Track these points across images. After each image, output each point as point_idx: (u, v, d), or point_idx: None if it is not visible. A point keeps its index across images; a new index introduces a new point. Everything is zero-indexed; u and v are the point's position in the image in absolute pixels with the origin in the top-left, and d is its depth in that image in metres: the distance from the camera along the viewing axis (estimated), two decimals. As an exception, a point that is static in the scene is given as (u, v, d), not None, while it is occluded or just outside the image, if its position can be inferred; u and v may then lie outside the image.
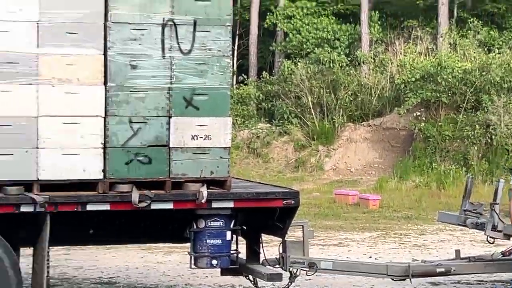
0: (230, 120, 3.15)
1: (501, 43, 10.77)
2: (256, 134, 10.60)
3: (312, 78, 10.66)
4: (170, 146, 2.82)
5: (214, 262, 3.02)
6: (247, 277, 3.56)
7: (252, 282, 3.59)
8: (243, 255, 3.45)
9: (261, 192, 3.38)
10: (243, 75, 12.07)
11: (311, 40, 11.84)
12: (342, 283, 4.36)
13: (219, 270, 3.53)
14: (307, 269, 3.49)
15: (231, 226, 3.07)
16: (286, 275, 3.43)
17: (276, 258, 3.45)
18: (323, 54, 11.22)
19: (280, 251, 3.41)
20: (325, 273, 3.73)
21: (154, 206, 2.78)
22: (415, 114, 9.99)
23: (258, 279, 3.50)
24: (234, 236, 3.18)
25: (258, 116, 11.20)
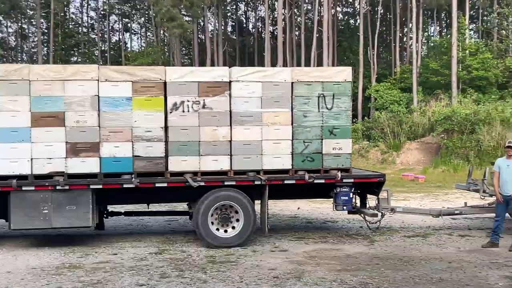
0: (350, 140, 5.88)
1: (484, 100, 20.52)
2: (362, 147, 19.88)
3: (389, 120, 20.42)
4: (323, 153, 5.56)
5: (344, 207, 5.72)
6: (362, 215, 6.16)
7: (365, 221, 6.24)
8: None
9: (366, 174, 6.15)
10: (355, 119, 21.14)
11: (388, 101, 23.06)
12: (407, 219, 7.30)
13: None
14: (390, 211, 6.08)
15: (352, 190, 5.70)
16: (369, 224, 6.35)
17: (373, 206, 6.02)
18: (394, 107, 22.15)
19: (376, 203, 5.98)
20: (399, 213, 6.46)
21: (316, 181, 5.56)
22: (441, 136, 18.31)
23: (368, 223, 6.14)
24: (354, 195, 5.84)
25: (362, 137, 20.97)
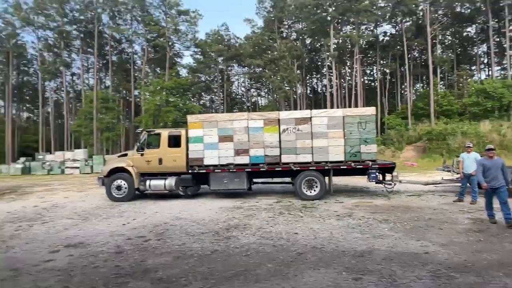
0: (375, 145, 10.98)
1: (450, 122, 32.68)
2: (381, 149, 28.71)
3: (395, 134, 33.59)
4: (361, 152, 10.73)
5: (373, 180, 10.74)
6: (383, 184, 11.21)
7: (386, 189, 11.42)
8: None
9: (385, 162, 11.28)
10: (377, 135, 27.65)
11: (395, 124, 36.40)
12: (408, 186, 12.44)
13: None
14: (398, 182, 11.06)
15: (377, 172, 10.81)
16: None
17: (389, 179, 11.07)
18: (399, 127, 35.29)
19: (391, 177, 11.00)
20: (404, 183, 11.64)
21: (357, 166, 10.79)
22: (425, 142, 30.23)
23: (386, 189, 11.33)
24: (378, 173, 10.95)
25: (381, 144, 30.39)
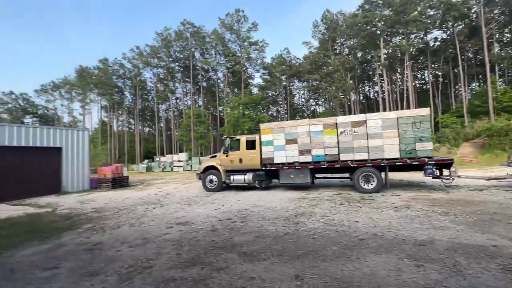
0: (431, 143, 11.41)
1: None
2: (436, 146, 28.87)
3: (451, 132, 34.09)
4: (416, 149, 11.35)
5: (429, 176, 11.29)
6: (440, 179, 11.73)
7: (444, 184, 11.90)
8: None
9: (443, 158, 11.64)
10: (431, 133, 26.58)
11: (449, 122, 38.07)
12: (467, 182, 12.55)
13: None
14: (457, 177, 11.39)
15: (434, 167, 11.26)
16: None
17: (447, 174, 11.51)
18: (455, 125, 35.63)
19: (449, 173, 11.41)
20: (462, 178, 11.84)
21: (413, 163, 11.48)
22: (485, 138, 29.50)
23: (444, 183, 11.78)
24: (435, 169, 11.40)
25: (435, 141, 31.05)
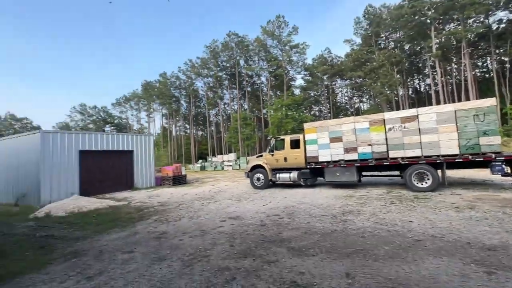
0: (499, 136, 9.75)
1: None
2: (504, 140, 23.02)
3: None
4: (480, 144, 9.76)
5: (499, 173, 9.69)
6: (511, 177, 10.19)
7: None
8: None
9: (509, 154, 9.97)
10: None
11: None
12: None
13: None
14: None
15: (504, 164, 9.62)
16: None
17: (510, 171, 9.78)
18: None
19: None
20: None
21: (477, 159, 9.97)
22: None
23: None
24: (505, 167, 9.68)
25: (503, 135, 23.92)
